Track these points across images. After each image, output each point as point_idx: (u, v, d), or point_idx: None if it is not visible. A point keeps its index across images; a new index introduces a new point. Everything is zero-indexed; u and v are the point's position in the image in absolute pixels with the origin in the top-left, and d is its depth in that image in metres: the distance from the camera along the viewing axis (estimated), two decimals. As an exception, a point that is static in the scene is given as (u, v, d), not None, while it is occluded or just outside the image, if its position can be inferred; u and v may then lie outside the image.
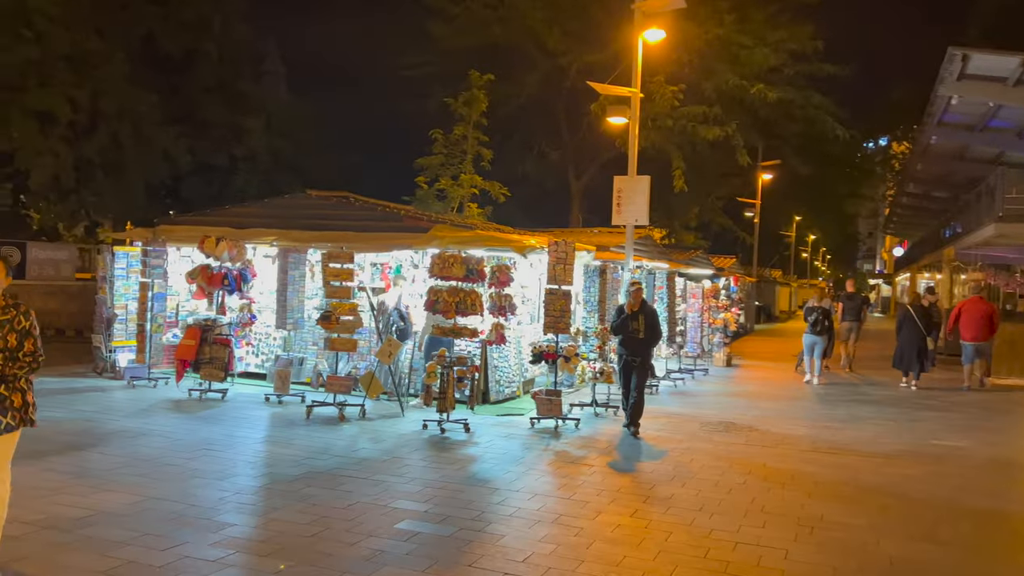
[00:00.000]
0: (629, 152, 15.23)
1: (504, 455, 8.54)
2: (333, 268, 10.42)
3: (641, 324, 9.84)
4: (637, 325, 9.84)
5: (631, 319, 9.86)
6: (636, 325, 9.84)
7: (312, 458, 8.03)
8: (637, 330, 9.84)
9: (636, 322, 9.85)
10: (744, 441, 9.82)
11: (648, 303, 10.18)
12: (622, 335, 9.98)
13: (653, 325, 9.96)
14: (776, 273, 48.77)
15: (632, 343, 9.94)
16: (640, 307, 9.89)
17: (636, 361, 9.92)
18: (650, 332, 9.92)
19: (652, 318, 9.98)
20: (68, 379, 12.38)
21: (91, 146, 21.13)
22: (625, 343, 10.00)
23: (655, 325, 10.00)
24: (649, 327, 9.90)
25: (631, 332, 9.88)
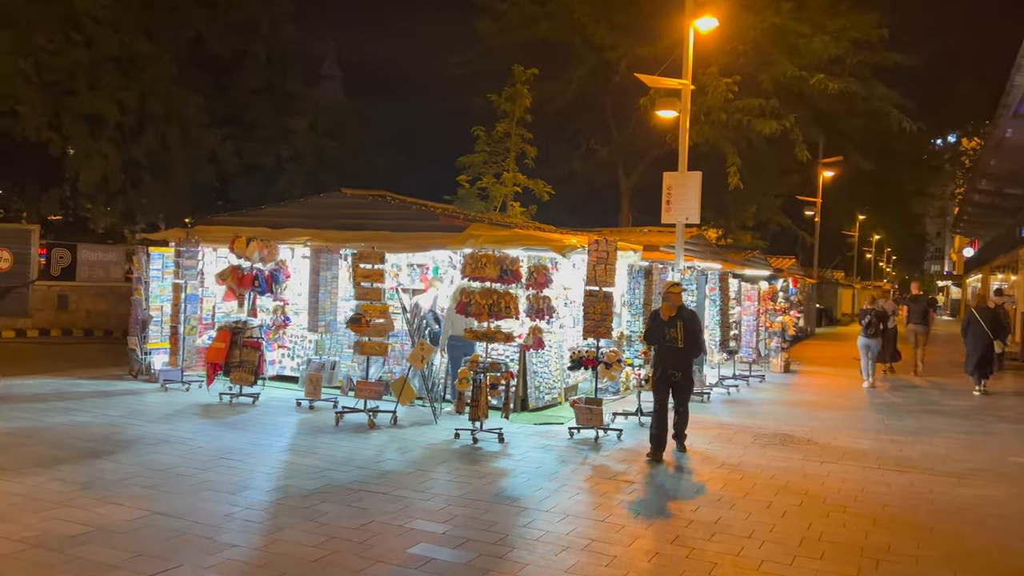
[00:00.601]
0: (679, 147, 14.47)
1: (537, 469, 7.95)
2: (364, 269, 9.99)
3: (680, 331, 8.54)
4: (675, 333, 8.55)
5: (668, 326, 8.56)
6: (674, 333, 8.56)
7: (333, 469, 7.57)
8: (676, 339, 8.55)
9: (674, 329, 8.55)
10: (801, 456, 9.04)
11: (688, 307, 8.98)
12: (657, 345, 8.76)
13: (694, 332, 8.67)
14: (838, 274, 47.05)
15: (670, 355, 8.63)
16: (678, 312, 8.59)
17: (676, 376, 8.66)
18: (691, 341, 8.61)
19: (693, 324, 8.68)
20: (104, 381, 12.23)
21: (139, 148, 21.24)
22: (662, 355, 8.71)
23: (696, 332, 8.73)
24: (689, 335, 8.58)
25: (668, 341, 8.60)
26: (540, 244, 10.49)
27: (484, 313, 9.13)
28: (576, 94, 24.63)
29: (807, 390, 15.08)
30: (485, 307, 9.11)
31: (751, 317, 16.20)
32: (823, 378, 17.18)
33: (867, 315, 15.55)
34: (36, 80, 19.84)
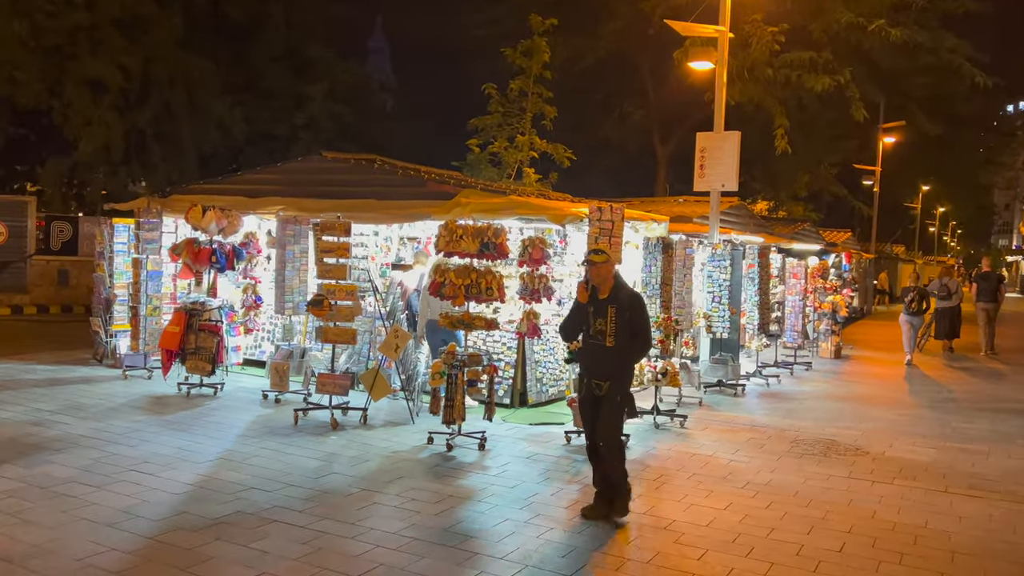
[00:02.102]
0: (715, 103, 12.68)
1: (512, 490, 6.44)
2: (327, 242, 8.53)
3: (610, 322, 5.80)
4: (602, 324, 5.81)
5: (594, 314, 5.87)
6: (601, 324, 5.81)
7: (257, 488, 6.17)
8: (603, 333, 5.81)
9: (601, 319, 5.82)
10: (847, 473, 7.35)
11: (627, 287, 6.08)
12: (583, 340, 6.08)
13: (632, 325, 5.81)
14: (899, 249, 44.23)
15: (592, 357, 5.92)
16: (610, 294, 5.89)
17: (601, 388, 5.83)
18: (625, 337, 5.80)
19: (631, 312, 5.83)
20: (64, 367, 11.08)
21: (143, 115, 20.12)
22: (584, 356, 6.08)
23: (637, 325, 5.85)
24: (623, 328, 5.78)
25: (592, 336, 5.89)
26: (536, 213, 8.90)
27: (460, 295, 7.59)
28: (608, 51, 22.63)
29: (859, 380, 13.24)
30: (461, 288, 7.58)
31: (796, 297, 14.36)
32: (878, 365, 15.26)
33: (909, 292, 15.64)
34: (33, 44, 18.79)
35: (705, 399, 10.64)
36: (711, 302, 11.43)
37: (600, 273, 5.95)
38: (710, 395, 11.02)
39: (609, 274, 5.98)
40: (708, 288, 11.52)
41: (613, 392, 5.83)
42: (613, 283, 5.97)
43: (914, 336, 15.78)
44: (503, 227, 7.80)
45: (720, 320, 11.30)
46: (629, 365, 6.07)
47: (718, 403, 10.57)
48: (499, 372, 9.60)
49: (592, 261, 5.95)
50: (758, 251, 12.44)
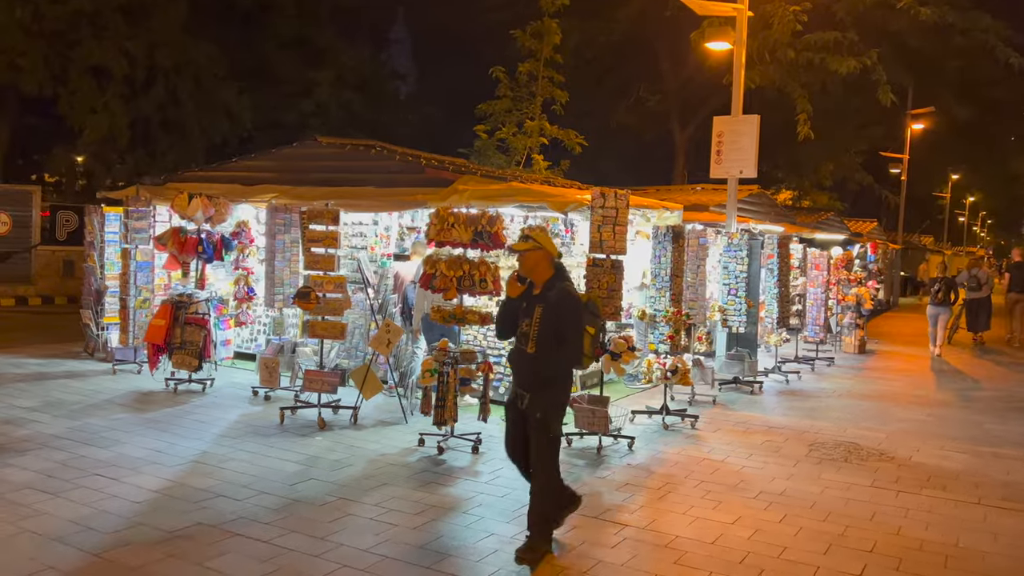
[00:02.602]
0: (733, 85, 12.04)
1: (502, 499, 5.94)
2: (314, 231, 8.06)
3: (534, 324, 4.80)
4: (527, 326, 4.84)
5: (524, 313, 4.92)
6: (527, 326, 4.84)
7: (224, 495, 5.71)
8: (525, 336, 4.84)
9: (528, 320, 4.84)
10: (870, 481, 6.76)
11: (565, 282, 4.92)
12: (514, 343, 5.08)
13: (558, 327, 4.77)
14: (927, 239, 43.06)
15: (517, 363, 5.02)
16: (542, 289, 4.90)
17: (523, 400, 4.91)
18: (549, 343, 4.78)
19: (559, 312, 4.78)
20: (54, 360, 10.73)
21: (148, 102, 19.77)
22: (511, 361, 5.18)
23: (564, 327, 4.79)
24: (547, 331, 4.77)
25: (518, 339, 4.96)
26: (537, 200, 8.35)
27: (452, 288, 7.08)
28: (623, 35, 21.89)
29: (884, 377, 12.58)
30: (453, 280, 7.06)
31: (818, 289, 13.70)
32: (904, 361, 14.57)
33: (936, 283, 15.43)
34: (35, 30, 18.48)
35: (720, 397, 10.07)
36: (727, 295, 10.83)
37: (527, 263, 4.92)
38: (725, 393, 10.45)
39: (539, 265, 4.88)
40: (724, 280, 10.92)
41: (532, 408, 4.82)
42: (549, 277, 4.91)
43: (942, 328, 15.46)
44: (498, 214, 7.27)
45: (736, 314, 10.70)
46: (551, 379, 4.85)
47: (733, 402, 10.00)
48: (501, 369, 9.11)
49: (513, 249, 5.00)
50: (778, 241, 11.82)
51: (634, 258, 11.56)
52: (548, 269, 4.94)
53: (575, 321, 4.87)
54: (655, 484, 6.46)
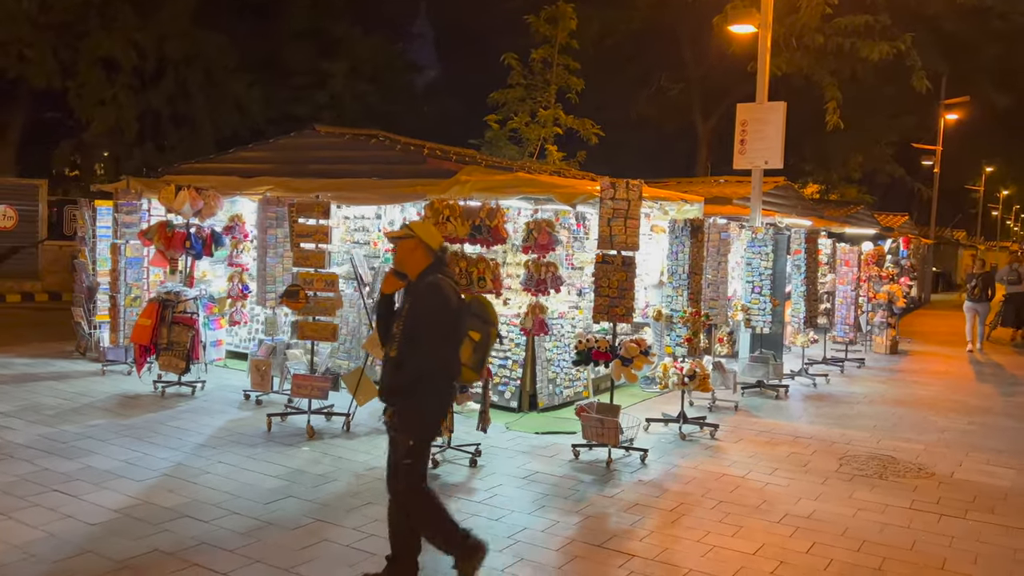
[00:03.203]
0: (758, 70, 11.36)
1: (498, 522, 5.35)
2: (303, 225, 7.51)
3: (400, 322, 4.21)
4: (397, 326, 4.23)
5: (398, 312, 4.33)
6: (398, 326, 4.22)
7: (189, 517, 5.19)
8: (393, 338, 4.22)
9: (400, 320, 4.24)
10: (908, 502, 6.10)
11: (434, 277, 4.19)
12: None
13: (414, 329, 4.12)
14: (959, 234, 41.83)
15: (383, 369, 4.33)
16: (410, 285, 4.29)
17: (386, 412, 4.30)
18: (406, 344, 4.13)
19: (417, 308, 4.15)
20: (43, 360, 10.30)
21: (157, 95, 19.40)
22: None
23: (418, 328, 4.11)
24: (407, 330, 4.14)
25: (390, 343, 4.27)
26: (543, 191, 7.75)
27: (447, 287, 6.49)
28: (644, 22, 21.12)
29: (919, 380, 11.83)
30: (448, 278, 6.47)
31: (848, 287, 12.96)
32: (940, 362, 13.78)
33: (973, 279, 15.20)
34: (43, 21, 18.14)
35: (742, 403, 9.42)
36: (751, 293, 10.16)
37: (398, 254, 4.31)
38: (748, 397, 9.79)
39: (412, 256, 4.22)
40: (747, 277, 10.25)
41: (391, 426, 4.21)
42: (423, 269, 4.21)
43: (980, 325, 15.28)
44: (499, 206, 6.67)
45: (761, 313, 10.02)
46: (408, 390, 4.12)
47: (757, 407, 9.34)
48: (507, 372, 8.54)
49: (397, 240, 4.31)
50: (805, 236, 11.11)
51: (652, 254, 10.95)
52: (422, 260, 4.23)
53: (432, 320, 4.09)
54: (668, 505, 5.84)
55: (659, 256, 10.51)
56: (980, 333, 15.37)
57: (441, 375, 4.20)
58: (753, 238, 10.21)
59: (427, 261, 4.23)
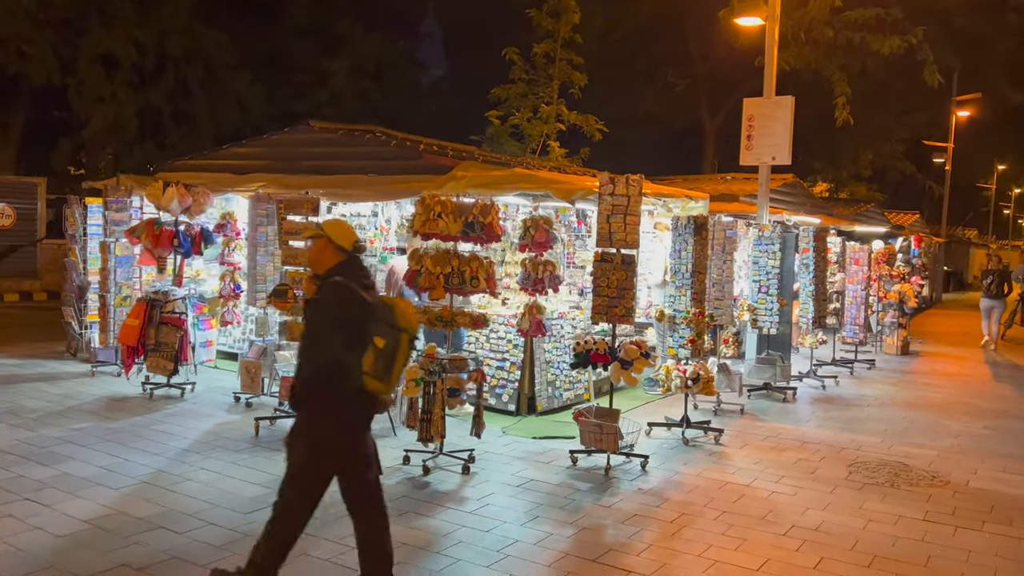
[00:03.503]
0: (765, 64, 11.07)
1: (488, 534, 5.09)
2: (292, 222, 7.26)
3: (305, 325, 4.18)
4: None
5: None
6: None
7: (163, 529, 4.94)
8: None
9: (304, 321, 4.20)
10: (921, 511, 5.80)
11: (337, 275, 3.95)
12: None
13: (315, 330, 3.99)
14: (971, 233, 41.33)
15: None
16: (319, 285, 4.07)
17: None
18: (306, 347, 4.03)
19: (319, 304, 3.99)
20: (32, 361, 10.08)
21: (157, 92, 19.19)
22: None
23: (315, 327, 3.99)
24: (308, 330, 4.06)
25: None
26: (540, 187, 7.47)
27: (439, 287, 6.23)
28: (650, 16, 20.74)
29: (931, 382, 11.50)
30: (440, 278, 6.22)
31: (858, 286, 12.64)
32: (953, 363, 13.44)
33: (989, 276, 15.09)
34: (42, 18, 17.96)
35: (748, 406, 9.12)
36: (757, 292, 9.86)
37: (309, 254, 4.22)
38: (755, 400, 9.50)
39: (320, 255, 4.05)
40: (754, 276, 9.95)
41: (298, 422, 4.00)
42: (329, 268, 4.03)
43: (996, 322, 15.18)
44: (492, 202, 6.40)
45: (768, 313, 9.72)
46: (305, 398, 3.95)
47: (763, 411, 9.05)
48: (505, 374, 8.27)
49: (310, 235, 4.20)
50: (814, 233, 10.80)
51: (656, 252, 10.66)
52: (330, 259, 4.03)
53: (328, 318, 3.88)
54: (668, 515, 5.56)
55: (663, 254, 10.20)
56: (995, 331, 15.23)
57: (342, 387, 3.83)
58: (760, 236, 9.91)
59: (335, 260, 4.01)
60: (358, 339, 3.77)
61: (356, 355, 3.75)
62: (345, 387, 3.82)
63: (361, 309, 3.84)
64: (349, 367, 3.77)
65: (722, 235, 8.83)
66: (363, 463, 4.10)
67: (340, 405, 3.90)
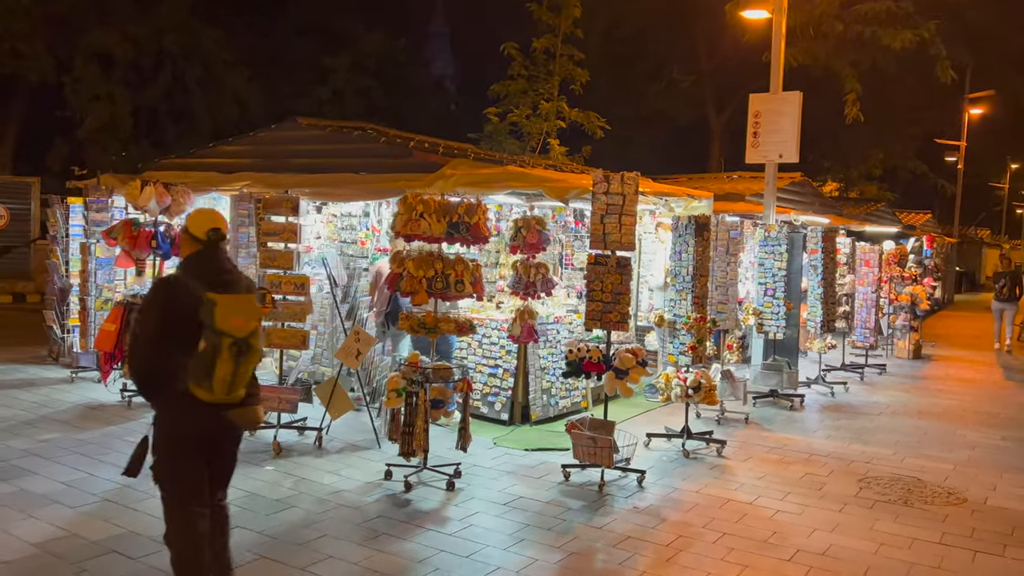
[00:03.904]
0: (772, 57, 10.67)
1: (468, 559, 4.71)
2: (271, 223, 6.91)
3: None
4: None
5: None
6: None
7: (115, 553, 4.60)
8: None
9: None
10: (938, 533, 5.39)
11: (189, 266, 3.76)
12: None
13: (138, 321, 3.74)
14: (983, 233, 40.72)
15: None
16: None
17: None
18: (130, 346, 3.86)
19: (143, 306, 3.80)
20: (12, 366, 9.74)
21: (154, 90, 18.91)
22: None
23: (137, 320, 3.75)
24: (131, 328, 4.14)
25: None
26: (532, 186, 7.09)
27: (421, 291, 5.86)
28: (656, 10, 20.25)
29: (945, 388, 11.07)
30: (422, 282, 5.84)
31: (868, 288, 12.21)
32: (967, 367, 13.00)
33: (1001, 278, 14.95)
34: (38, 15, 17.68)
35: (753, 414, 8.72)
36: (763, 295, 9.45)
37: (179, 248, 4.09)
38: (761, 408, 9.10)
39: (182, 247, 3.86)
40: (760, 279, 9.54)
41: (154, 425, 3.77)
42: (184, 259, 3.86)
43: (1008, 324, 15.03)
44: (479, 201, 6.03)
45: (774, 317, 9.31)
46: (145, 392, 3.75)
47: (769, 420, 8.65)
48: (498, 381, 7.90)
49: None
50: (823, 234, 10.39)
51: (659, 254, 10.27)
52: (186, 250, 3.81)
53: (146, 316, 3.65)
54: (665, 538, 5.17)
55: (665, 256, 9.82)
56: (1009, 332, 15.09)
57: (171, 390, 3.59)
58: (766, 236, 9.52)
59: (189, 250, 3.77)
60: (188, 339, 3.49)
61: (181, 357, 3.50)
62: (174, 391, 3.56)
63: (191, 307, 3.50)
64: (155, 369, 3.57)
65: (726, 236, 8.43)
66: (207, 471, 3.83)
67: (164, 410, 3.69)
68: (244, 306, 3.59)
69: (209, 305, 3.46)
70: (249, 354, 3.52)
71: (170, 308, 3.55)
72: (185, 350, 3.48)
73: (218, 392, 3.50)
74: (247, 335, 3.51)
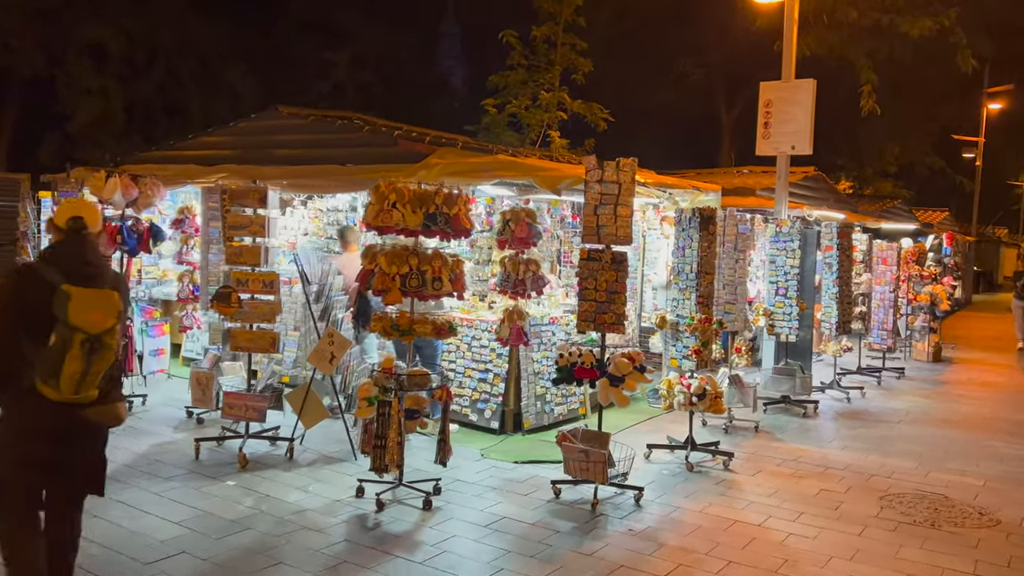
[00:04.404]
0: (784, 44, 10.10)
1: (434, 595, 4.15)
2: (238, 215, 6.37)
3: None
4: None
5: None
6: None
7: None
8: None
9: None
10: (970, 564, 4.79)
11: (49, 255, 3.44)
12: None
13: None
14: (1001, 231, 39.85)
15: None
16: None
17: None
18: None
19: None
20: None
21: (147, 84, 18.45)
22: None
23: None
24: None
25: None
26: (522, 175, 6.53)
27: (394, 289, 5.30)
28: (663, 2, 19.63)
29: (968, 392, 10.43)
30: (395, 279, 5.28)
31: (886, 287, 11.57)
32: (990, 371, 12.35)
33: (1022, 276, 15.28)
34: (30, 9, 17.25)
35: (764, 422, 8.13)
36: (775, 295, 8.85)
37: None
38: (772, 415, 8.50)
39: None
40: (771, 277, 8.94)
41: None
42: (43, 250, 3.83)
43: None
44: (460, 191, 5.46)
45: (786, 318, 8.71)
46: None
47: (781, 428, 8.05)
48: (488, 387, 7.34)
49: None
50: (838, 230, 9.77)
51: (663, 250, 9.71)
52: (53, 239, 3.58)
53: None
54: (663, 567, 4.60)
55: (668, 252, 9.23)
56: None
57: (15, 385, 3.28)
58: (778, 232, 8.91)
59: (55, 239, 3.50)
60: (37, 332, 3.20)
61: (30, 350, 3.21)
62: (17, 386, 3.26)
63: (43, 298, 3.20)
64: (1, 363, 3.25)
65: (734, 230, 7.83)
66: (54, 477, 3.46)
67: (10, 407, 3.38)
68: (102, 302, 3.29)
69: (63, 297, 3.16)
70: (102, 352, 3.26)
71: (19, 297, 3.25)
72: (34, 344, 3.19)
73: (65, 391, 3.22)
74: (101, 332, 3.24)
